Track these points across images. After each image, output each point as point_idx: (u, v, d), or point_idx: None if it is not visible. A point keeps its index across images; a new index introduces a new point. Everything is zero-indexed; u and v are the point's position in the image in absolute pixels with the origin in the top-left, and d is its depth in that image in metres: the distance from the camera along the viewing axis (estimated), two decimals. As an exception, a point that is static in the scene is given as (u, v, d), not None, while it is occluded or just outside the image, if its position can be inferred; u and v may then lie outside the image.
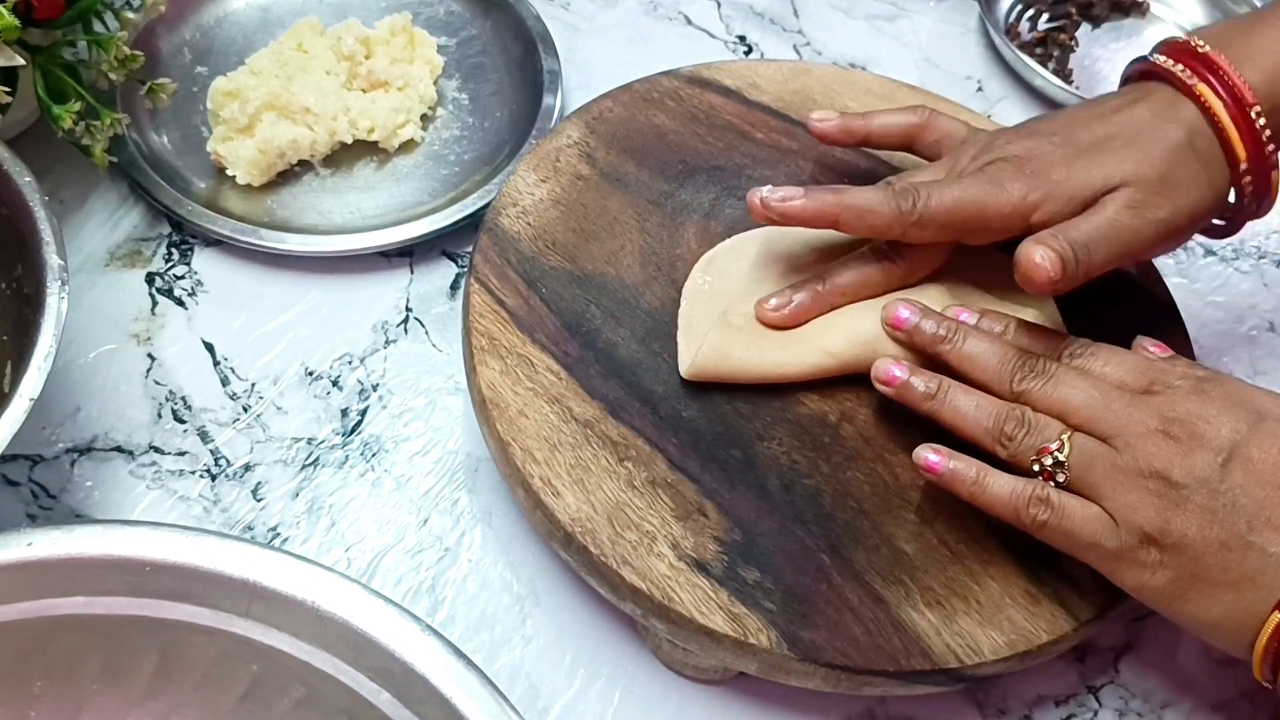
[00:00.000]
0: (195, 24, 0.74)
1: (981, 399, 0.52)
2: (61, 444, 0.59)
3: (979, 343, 0.54)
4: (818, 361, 0.56)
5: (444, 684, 0.42)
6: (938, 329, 0.54)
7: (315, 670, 0.44)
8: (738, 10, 0.82)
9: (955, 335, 0.54)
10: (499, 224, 0.61)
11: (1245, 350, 0.69)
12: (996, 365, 0.53)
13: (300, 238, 0.65)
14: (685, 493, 0.53)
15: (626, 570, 0.50)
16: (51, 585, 0.43)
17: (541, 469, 0.53)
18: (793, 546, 0.52)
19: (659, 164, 0.65)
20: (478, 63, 0.75)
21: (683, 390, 0.56)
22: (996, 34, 0.78)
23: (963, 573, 0.52)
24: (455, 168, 0.71)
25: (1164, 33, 0.83)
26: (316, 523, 0.58)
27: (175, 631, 0.44)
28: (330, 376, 0.63)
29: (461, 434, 0.61)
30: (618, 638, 0.56)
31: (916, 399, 0.53)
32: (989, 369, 0.53)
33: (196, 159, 0.69)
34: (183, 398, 0.61)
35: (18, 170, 0.55)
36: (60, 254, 0.53)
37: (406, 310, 0.66)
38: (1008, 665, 0.50)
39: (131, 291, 0.65)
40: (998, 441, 0.51)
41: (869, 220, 0.55)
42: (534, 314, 0.58)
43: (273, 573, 0.43)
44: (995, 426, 0.51)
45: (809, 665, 0.49)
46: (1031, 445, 0.50)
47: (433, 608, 0.56)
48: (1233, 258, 0.73)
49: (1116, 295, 0.62)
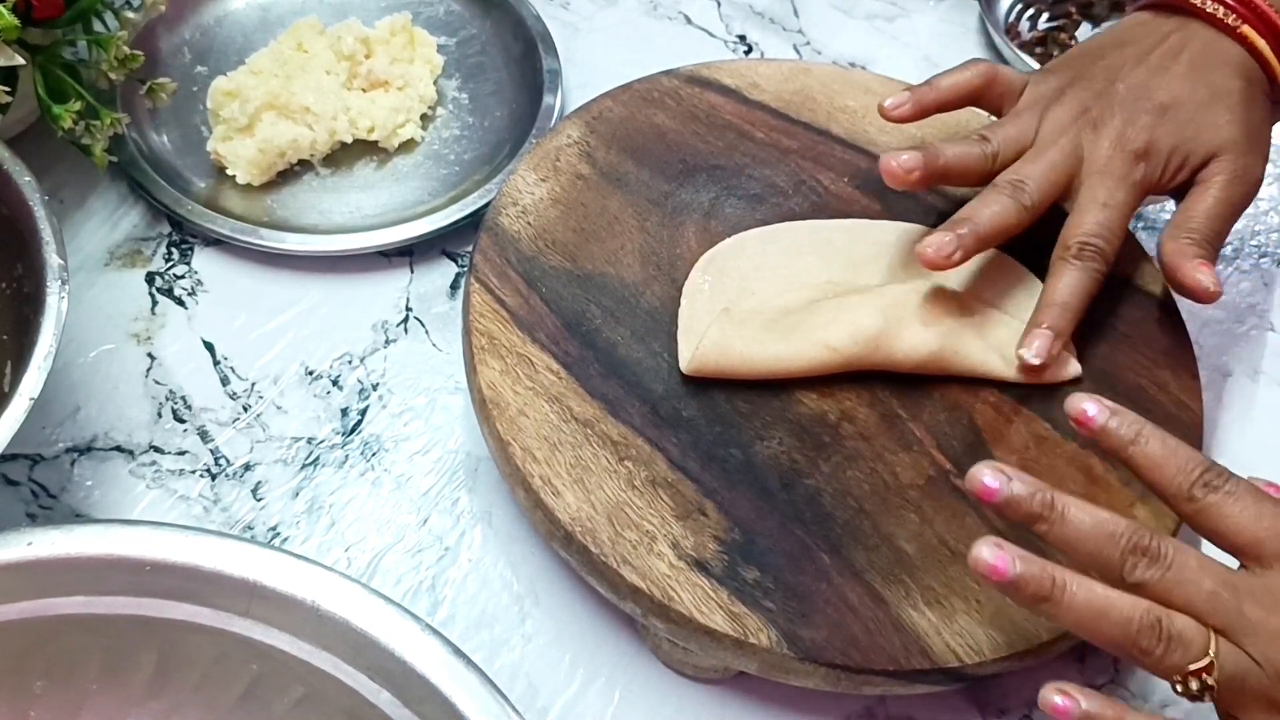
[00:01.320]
0: (195, 24, 0.74)
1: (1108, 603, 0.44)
2: (61, 443, 0.59)
3: (1081, 519, 0.45)
4: (819, 356, 0.56)
5: (444, 683, 0.42)
6: (1034, 504, 0.45)
7: (315, 670, 0.44)
8: (738, 10, 0.82)
9: (1053, 512, 0.45)
10: (499, 223, 0.61)
11: (1245, 350, 0.69)
12: (1103, 552, 0.45)
13: (300, 237, 0.65)
14: (685, 492, 0.53)
15: (626, 570, 0.50)
16: (51, 585, 0.43)
17: (541, 468, 0.53)
18: (792, 546, 0.52)
19: (659, 163, 0.65)
20: (477, 62, 0.75)
21: (683, 390, 0.56)
22: (997, 33, 0.78)
23: (963, 572, 0.52)
24: (455, 167, 0.71)
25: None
26: (316, 522, 0.58)
27: (175, 631, 0.44)
28: (330, 376, 0.63)
29: (461, 433, 0.61)
30: (618, 637, 0.56)
31: (1026, 600, 0.44)
32: (1096, 557, 0.45)
33: (196, 158, 0.69)
34: (183, 397, 0.61)
35: (18, 170, 0.55)
36: (60, 254, 0.53)
37: (406, 310, 0.66)
38: (1008, 665, 0.50)
39: (131, 291, 0.65)
40: (1130, 654, 0.44)
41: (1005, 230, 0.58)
42: (534, 313, 0.58)
43: (273, 572, 0.43)
44: (1127, 639, 0.43)
45: (809, 664, 0.49)
46: (1174, 665, 0.43)
47: (432, 607, 0.56)
48: (1233, 257, 0.73)
49: (1117, 295, 0.62)
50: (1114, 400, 0.58)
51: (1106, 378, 0.59)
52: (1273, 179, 0.76)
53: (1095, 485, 0.55)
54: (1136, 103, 0.59)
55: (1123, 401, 0.58)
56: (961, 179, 0.60)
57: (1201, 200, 0.58)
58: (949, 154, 0.59)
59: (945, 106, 0.62)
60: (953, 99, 0.62)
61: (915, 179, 0.58)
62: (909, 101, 0.62)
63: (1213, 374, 0.67)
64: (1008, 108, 0.62)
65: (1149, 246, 0.72)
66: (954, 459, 0.56)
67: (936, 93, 0.62)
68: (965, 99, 0.63)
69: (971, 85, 0.62)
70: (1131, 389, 0.59)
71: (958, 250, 0.56)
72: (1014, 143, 0.60)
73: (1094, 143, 0.59)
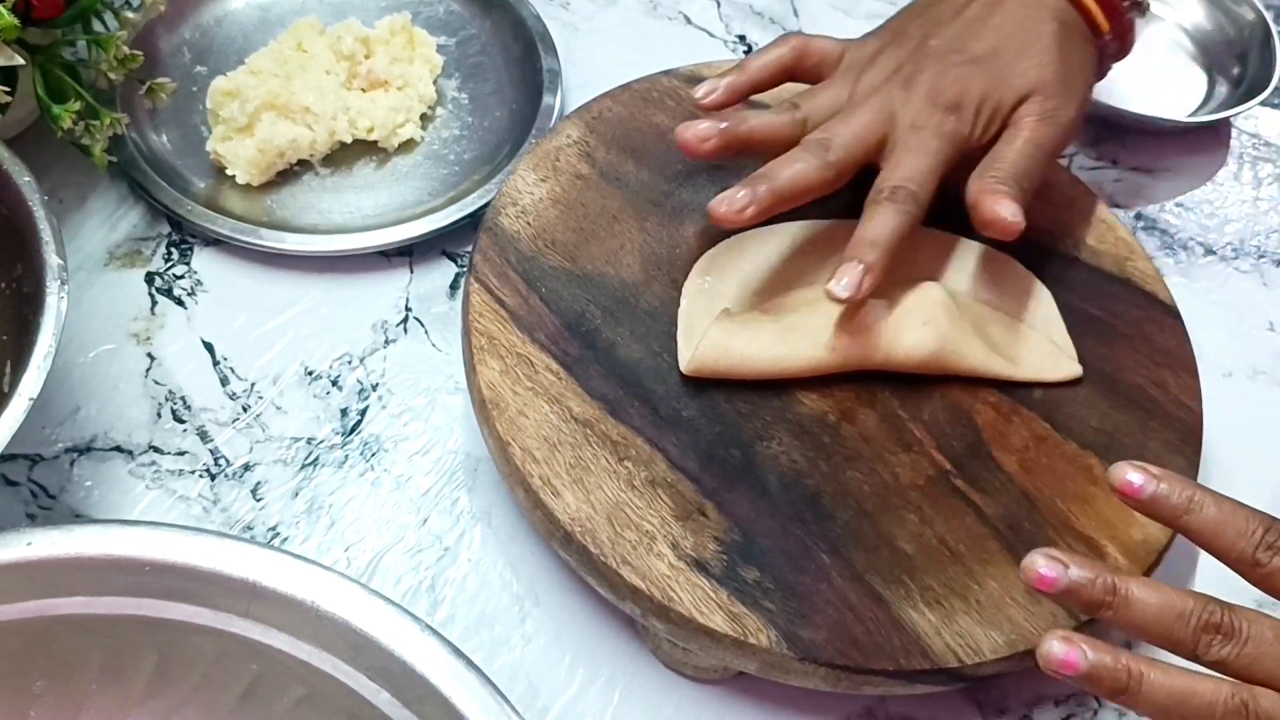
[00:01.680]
0: (195, 23, 0.74)
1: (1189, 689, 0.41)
2: (61, 444, 0.59)
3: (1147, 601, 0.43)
4: (819, 356, 0.56)
5: (443, 683, 0.42)
6: (1095, 591, 0.43)
7: (315, 670, 0.44)
8: (737, 10, 0.82)
9: (1117, 597, 0.43)
10: (498, 223, 0.61)
11: (1245, 350, 0.69)
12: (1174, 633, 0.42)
13: (300, 237, 0.65)
14: (685, 492, 0.53)
15: (626, 570, 0.50)
16: (51, 585, 0.43)
17: (541, 468, 0.53)
18: (792, 546, 0.52)
19: (659, 164, 0.65)
20: (477, 62, 0.75)
21: (682, 390, 0.56)
22: (996, 33, 0.78)
23: (962, 572, 0.52)
24: (455, 167, 0.71)
25: (1164, 32, 0.83)
26: (316, 522, 0.58)
27: (175, 631, 0.44)
28: (330, 376, 0.63)
29: (461, 433, 0.61)
30: (617, 637, 0.56)
31: (1103, 694, 0.42)
32: (1167, 639, 0.42)
33: (196, 159, 0.69)
34: (182, 397, 0.61)
35: (17, 170, 0.55)
36: (60, 253, 0.53)
37: (406, 310, 0.66)
38: (1007, 665, 0.50)
39: (131, 291, 0.65)
40: None
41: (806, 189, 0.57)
42: (534, 313, 0.58)
43: (272, 572, 0.43)
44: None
45: (809, 665, 0.49)
46: None
47: (432, 607, 0.56)
48: (1232, 257, 0.73)
49: (1117, 295, 0.62)
50: (1114, 400, 0.58)
51: (1106, 378, 0.59)
52: (1273, 179, 0.76)
53: (1095, 485, 0.55)
54: (948, 55, 0.59)
55: (1122, 401, 0.58)
56: (769, 148, 0.59)
57: (1010, 142, 0.58)
58: (753, 122, 0.58)
59: (760, 87, 0.62)
60: (766, 78, 0.62)
61: (710, 148, 0.58)
62: (721, 88, 0.61)
63: (1213, 374, 0.67)
64: (827, 76, 0.62)
65: (1149, 247, 0.72)
66: (954, 459, 0.56)
67: (748, 75, 0.62)
68: (780, 76, 0.62)
69: (784, 61, 0.62)
70: (1131, 389, 0.59)
71: (750, 206, 0.55)
72: (827, 109, 0.59)
73: (905, 100, 0.58)
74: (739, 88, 0.61)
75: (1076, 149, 0.77)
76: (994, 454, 0.56)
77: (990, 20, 0.60)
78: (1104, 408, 0.58)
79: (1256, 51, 0.80)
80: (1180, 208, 0.75)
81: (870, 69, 0.60)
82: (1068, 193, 0.66)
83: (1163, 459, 0.56)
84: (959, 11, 0.61)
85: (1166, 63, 0.82)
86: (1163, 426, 0.57)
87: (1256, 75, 0.78)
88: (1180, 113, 0.79)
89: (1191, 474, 0.56)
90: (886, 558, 0.52)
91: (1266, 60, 0.78)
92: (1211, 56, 0.82)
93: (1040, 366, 0.58)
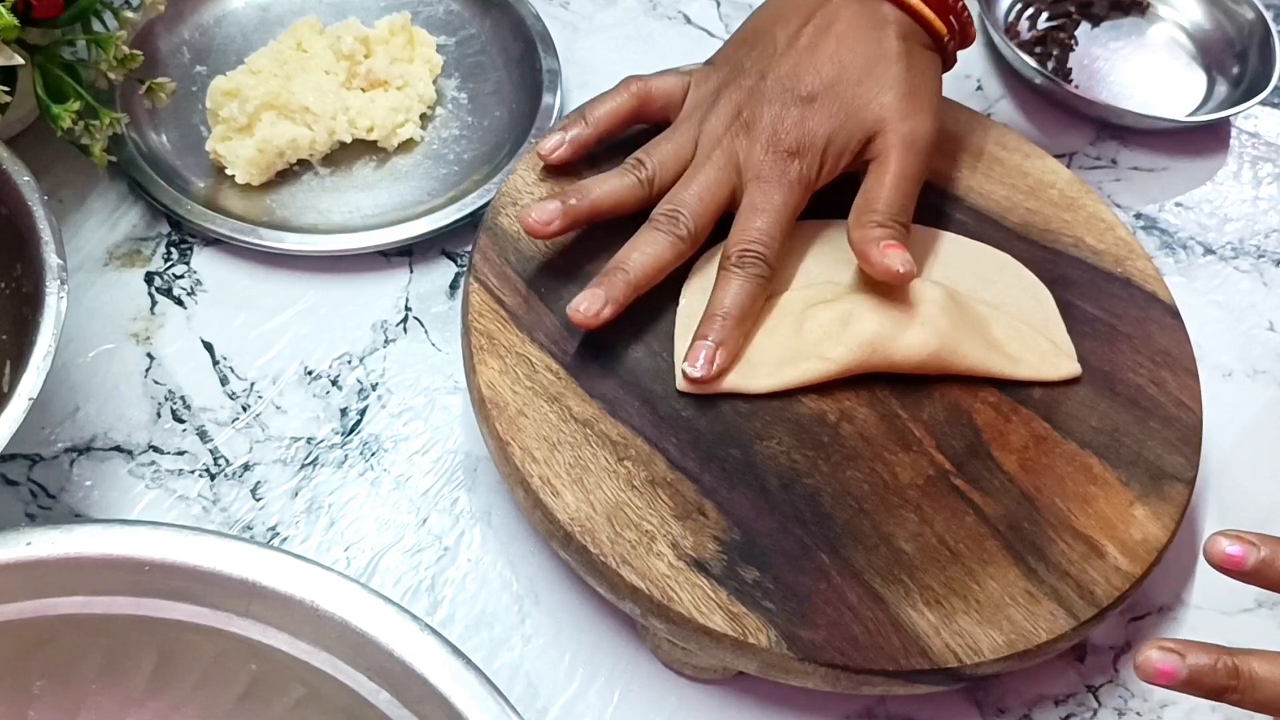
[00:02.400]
0: (194, 23, 0.74)
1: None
2: (61, 443, 0.59)
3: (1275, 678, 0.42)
4: (817, 369, 0.56)
5: (443, 683, 0.42)
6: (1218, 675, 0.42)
7: (314, 670, 0.44)
8: (737, 9, 0.82)
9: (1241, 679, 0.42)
10: (498, 223, 0.61)
11: (1245, 349, 0.69)
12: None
13: (299, 237, 0.65)
14: (684, 492, 0.53)
15: (626, 570, 0.50)
16: (51, 585, 0.43)
17: (541, 468, 0.53)
18: (792, 546, 0.52)
19: (658, 163, 0.65)
20: (477, 62, 0.75)
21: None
22: (996, 33, 0.78)
23: (962, 572, 0.52)
24: (454, 167, 0.71)
25: (1164, 32, 0.83)
26: (315, 522, 0.58)
27: (174, 631, 0.44)
28: (329, 376, 0.63)
29: (461, 433, 0.61)
30: (617, 637, 0.56)
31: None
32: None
33: (195, 158, 0.69)
34: (182, 397, 0.61)
35: (17, 170, 0.55)
36: (59, 253, 0.53)
37: (406, 310, 0.66)
38: (1007, 665, 0.50)
39: (130, 291, 0.65)
40: None
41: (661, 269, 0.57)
42: (533, 313, 0.58)
43: (272, 572, 0.43)
44: None
45: (808, 664, 0.49)
46: None
47: (432, 607, 0.56)
48: (1232, 256, 0.73)
49: (1117, 295, 0.62)
50: (1113, 400, 0.58)
51: (1106, 377, 0.59)
52: (1273, 178, 0.76)
53: (1095, 484, 0.55)
54: (785, 95, 0.58)
55: (1122, 401, 0.58)
56: (619, 213, 0.58)
57: (877, 179, 0.57)
58: (596, 193, 0.58)
59: (606, 136, 0.62)
60: (611, 128, 0.62)
61: (555, 230, 0.57)
62: (566, 143, 0.61)
63: (1213, 374, 0.67)
64: (674, 117, 0.61)
65: (1149, 247, 0.72)
66: (954, 459, 0.56)
67: (593, 127, 0.61)
68: (625, 123, 0.62)
69: (628, 108, 0.61)
70: (1131, 389, 0.59)
71: (607, 306, 0.55)
72: (672, 161, 0.59)
73: (748, 149, 0.58)
74: (584, 141, 0.61)
75: (1076, 149, 0.77)
76: (994, 453, 0.56)
77: (823, 48, 0.58)
78: (1104, 407, 0.58)
79: (1256, 51, 0.80)
80: (1180, 207, 0.75)
81: (711, 114, 0.59)
82: (1068, 192, 0.66)
83: (1163, 459, 0.56)
84: (792, 41, 0.59)
85: (1166, 62, 0.82)
86: (1163, 426, 0.57)
87: (1256, 75, 0.78)
88: (1180, 112, 0.79)
89: (1191, 474, 0.56)
90: (886, 557, 0.52)
91: (1266, 60, 0.78)
92: (1211, 56, 0.82)
93: (1040, 366, 0.58)
